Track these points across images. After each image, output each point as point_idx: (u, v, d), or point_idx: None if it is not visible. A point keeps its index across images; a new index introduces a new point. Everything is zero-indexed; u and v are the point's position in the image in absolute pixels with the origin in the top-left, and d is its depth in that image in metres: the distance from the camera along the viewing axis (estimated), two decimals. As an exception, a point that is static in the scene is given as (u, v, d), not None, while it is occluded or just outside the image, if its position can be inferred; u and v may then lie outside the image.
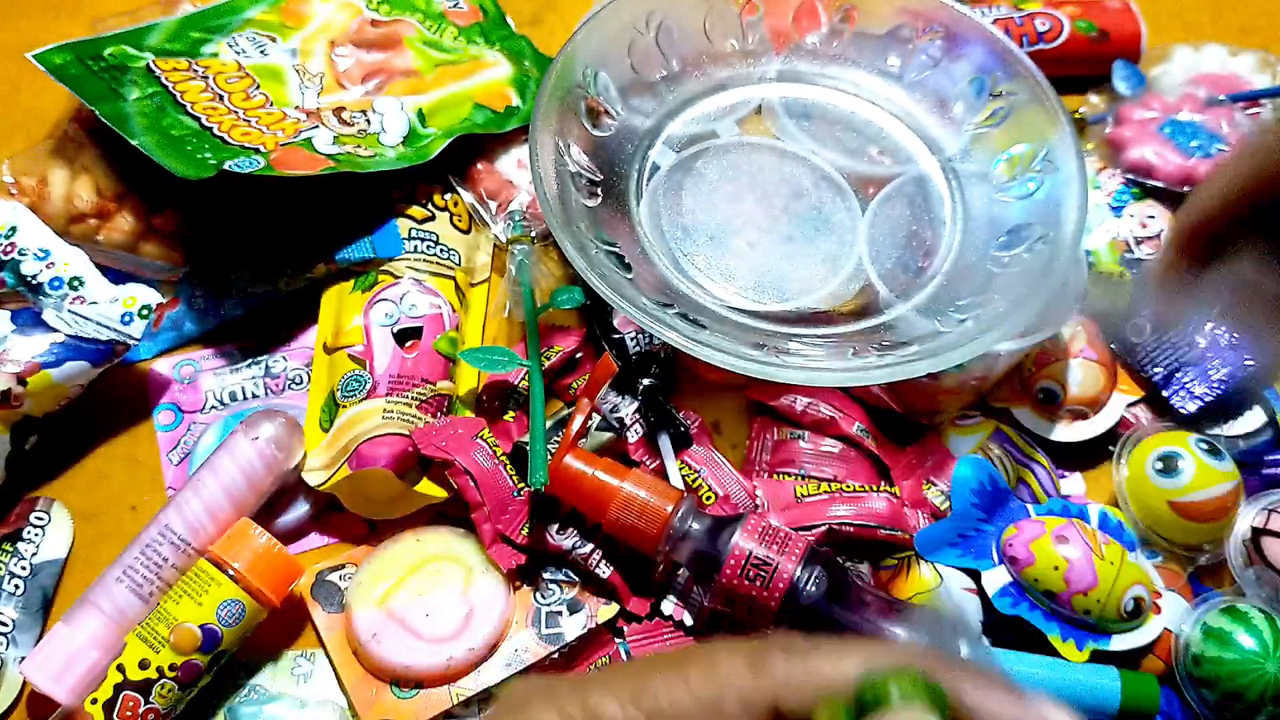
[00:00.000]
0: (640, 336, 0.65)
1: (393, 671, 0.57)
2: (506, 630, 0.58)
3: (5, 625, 0.58)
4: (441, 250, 0.68)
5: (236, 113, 0.68)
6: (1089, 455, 0.66)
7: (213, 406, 0.67)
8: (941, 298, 0.64)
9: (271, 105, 0.70)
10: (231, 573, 0.56)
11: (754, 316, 0.63)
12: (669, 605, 0.59)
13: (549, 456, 0.58)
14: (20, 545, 0.61)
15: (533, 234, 0.69)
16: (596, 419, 0.63)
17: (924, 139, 0.71)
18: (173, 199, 0.67)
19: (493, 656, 0.58)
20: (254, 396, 0.67)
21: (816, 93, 0.73)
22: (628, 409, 0.63)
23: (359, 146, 0.68)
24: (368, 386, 0.62)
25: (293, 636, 0.60)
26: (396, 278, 0.66)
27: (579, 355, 0.67)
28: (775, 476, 0.64)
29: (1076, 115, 0.77)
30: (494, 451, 0.61)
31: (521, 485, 0.60)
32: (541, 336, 0.66)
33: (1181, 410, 0.66)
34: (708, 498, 0.61)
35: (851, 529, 0.60)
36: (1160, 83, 0.80)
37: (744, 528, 0.55)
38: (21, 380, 0.59)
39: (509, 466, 0.61)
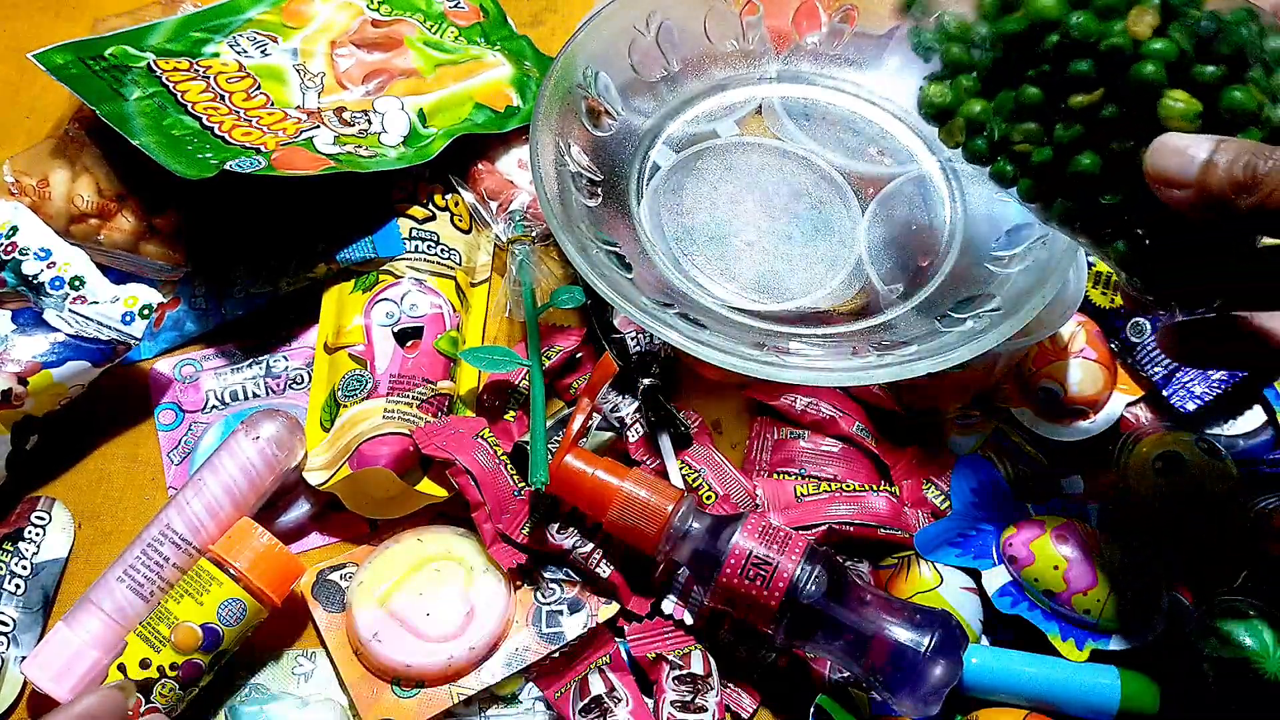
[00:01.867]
0: (640, 336, 0.65)
1: (394, 671, 0.57)
2: (507, 629, 0.58)
3: (6, 625, 0.58)
4: (442, 250, 0.69)
5: (237, 113, 0.68)
6: (1089, 455, 0.66)
7: (214, 406, 0.67)
8: (941, 298, 0.64)
9: (272, 105, 0.70)
10: (232, 572, 0.56)
11: (754, 316, 0.63)
12: (669, 604, 0.59)
13: (549, 456, 0.58)
14: (21, 545, 0.61)
15: (533, 234, 0.69)
16: (597, 419, 0.63)
17: (924, 139, 0.71)
18: (174, 199, 0.67)
19: (493, 656, 0.58)
20: (255, 396, 0.67)
21: (816, 93, 0.73)
22: (628, 409, 0.63)
23: (360, 146, 0.68)
24: (369, 386, 0.62)
25: (294, 636, 0.60)
26: (397, 277, 0.66)
27: (579, 355, 0.67)
28: (775, 476, 0.64)
29: (1076, 115, 0.77)
30: (495, 451, 0.61)
31: (522, 485, 0.60)
32: (542, 336, 0.66)
33: (1181, 410, 0.66)
34: (708, 497, 0.61)
35: (851, 528, 0.60)
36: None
37: (744, 527, 0.56)
38: (23, 380, 0.59)
39: (510, 466, 0.61)
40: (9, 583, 0.59)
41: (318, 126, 0.69)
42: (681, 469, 0.62)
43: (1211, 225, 0.42)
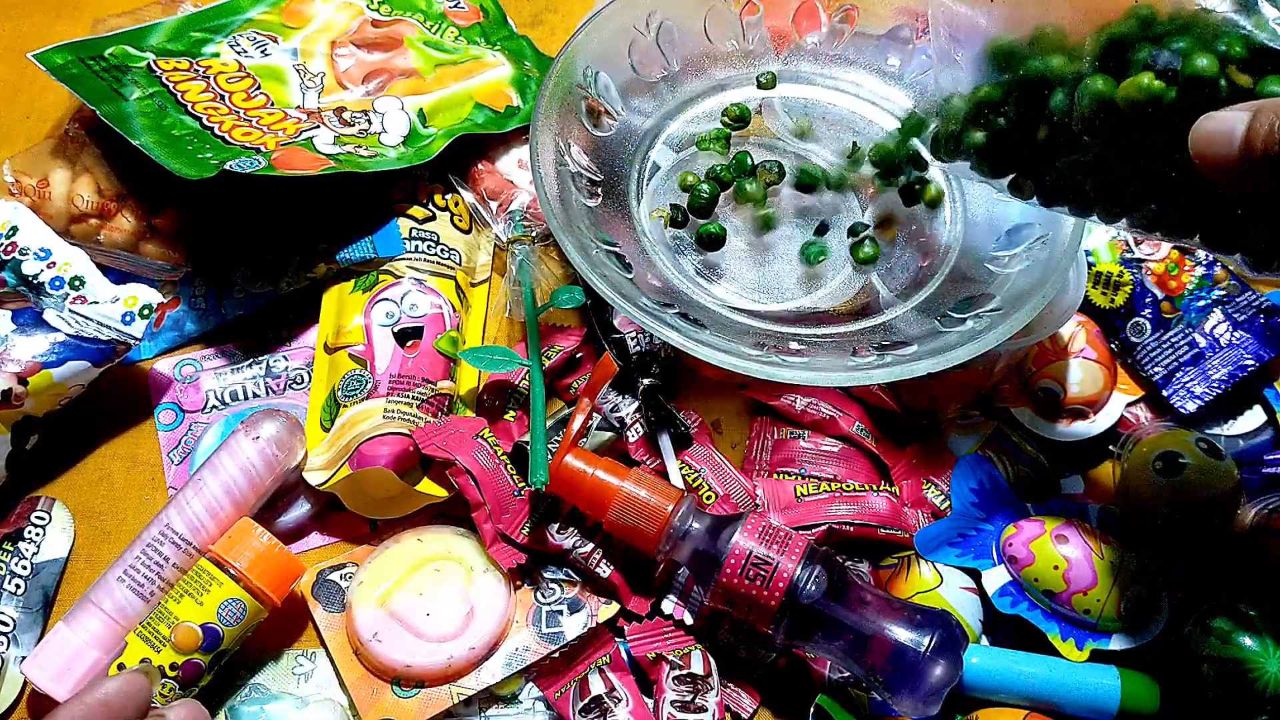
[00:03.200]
0: (640, 336, 0.65)
1: (394, 671, 0.57)
2: (507, 629, 0.58)
3: (6, 625, 0.58)
4: (442, 250, 0.69)
5: (237, 113, 0.68)
6: (1089, 455, 0.66)
7: (214, 406, 0.67)
8: (941, 297, 0.64)
9: (272, 105, 0.70)
10: (233, 572, 0.56)
11: (754, 316, 0.63)
12: (669, 604, 0.59)
13: (549, 456, 0.58)
14: (21, 545, 0.61)
15: (533, 234, 0.69)
16: (597, 419, 0.63)
17: (923, 139, 0.71)
18: (174, 199, 0.67)
19: (493, 655, 0.58)
20: (255, 396, 0.67)
21: (816, 93, 0.73)
22: (628, 409, 0.63)
23: (360, 146, 0.68)
24: (369, 386, 0.62)
25: (294, 636, 0.60)
26: (397, 277, 0.66)
27: (579, 355, 0.67)
28: (775, 476, 0.64)
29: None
30: (495, 451, 0.61)
31: (522, 485, 0.60)
32: (542, 336, 0.66)
33: (1181, 410, 0.66)
34: (708, 497, 0.61)
35: (851, 528, 0.60)
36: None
37: (744, 527, 0.56)
38: (23, 380, 0.59)
39: (510, 466, 0.61)
40: (9, 583, 0.59)
41: (318, 126, 0.69)
42: (681, 469, 0.62)
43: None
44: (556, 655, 0.58)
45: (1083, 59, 0.47)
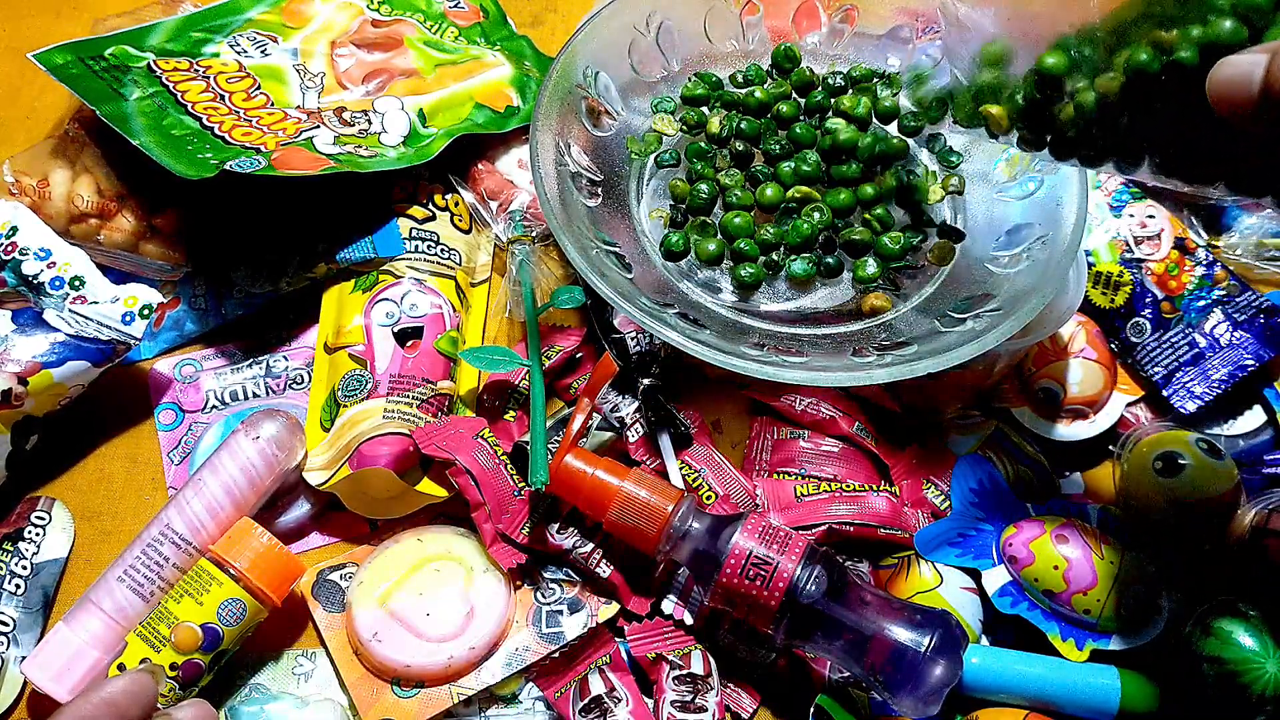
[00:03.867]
0: (640, 336, 0.65)
1: (393, 671, 0.57)
2: (507, 629, 0.58)
3: (6, 625, 0.58)
4: (442, 250, 0.69)
5: (237, 113, 0.68)
6: (1089, 455, 0.66)
7: (214, 406, 0.67)
8: (941, 297, 0.64)
9: (272, 105, 0.70)
10: (233, 572, 0.56)
11: (754, 316, 0.63)
12: (669, 604, 0.59)
13: (549, 456, 0.58)
14: (21, 545, 0.61)
15: (533, 234, 0.69)
16: (597, 419, 0.63)
17: (923, 139, 0.71)
18: (174, 199, 0.67)
19: (493, 655, 0.58)
20: (255, 396, 0.67)
21: (817, 93, 0.73)
22: (628, 409, 0.63)
23: (360, 146, 0.68)
24: (369, 386, 0.62)
25: (294, 636, 0.60)
26: (397, 277, 0.66)
27: (579, 355, 0.67)
28: (775, 476, 0.64)
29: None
30: (495, 451, 0.61)
31: (522, 485, 0.60)
32: (542, 336, 0.66)
33: (1181, 410, 0.66)
34: (708, 497, 0.61)
35: (851, 528, 0.60)
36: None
37: (744, 527, 0.56)
38: (23, 380, 0.59)
39: (510, 466, 0.61)
40: (9, 583, 0.59)
41: (318, 126, 0.69)
42: (681, 469, 0.62)
43: None
44: (556, 655, 0.58)
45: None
